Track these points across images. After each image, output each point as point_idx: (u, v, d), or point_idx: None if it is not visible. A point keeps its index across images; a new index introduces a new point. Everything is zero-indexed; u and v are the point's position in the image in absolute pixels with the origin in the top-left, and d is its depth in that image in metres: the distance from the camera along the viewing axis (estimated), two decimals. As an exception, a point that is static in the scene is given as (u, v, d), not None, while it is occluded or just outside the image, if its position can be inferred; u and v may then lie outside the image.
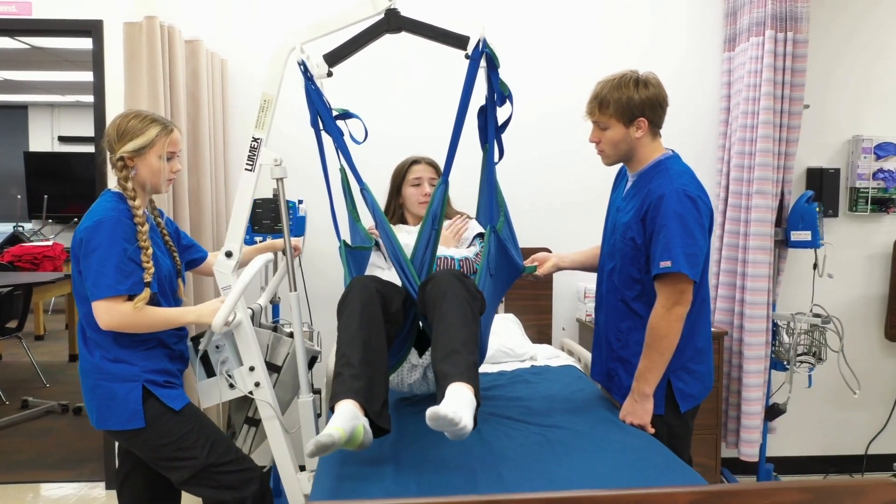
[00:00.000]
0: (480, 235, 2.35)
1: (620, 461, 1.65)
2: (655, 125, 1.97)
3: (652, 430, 1.91)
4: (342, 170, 2.25)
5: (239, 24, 3.20)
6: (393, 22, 2.08)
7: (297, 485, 2.16)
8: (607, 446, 1.75)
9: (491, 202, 2.17)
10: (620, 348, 2.04)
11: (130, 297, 1.82)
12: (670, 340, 1.86)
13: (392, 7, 2.08)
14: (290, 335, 2.38)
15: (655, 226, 1.85)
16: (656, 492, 0.99)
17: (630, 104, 1.91)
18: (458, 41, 2.07)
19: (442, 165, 2.04)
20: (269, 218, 2.81)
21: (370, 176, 2.17)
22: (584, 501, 0.96)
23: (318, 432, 1.62)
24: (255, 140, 2.11)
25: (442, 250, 2.26)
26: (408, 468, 1.63)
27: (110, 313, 1.80)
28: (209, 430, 1.97)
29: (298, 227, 2.86)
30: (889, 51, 3.35)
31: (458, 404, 1.51)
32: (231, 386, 2.11)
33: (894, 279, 3.36)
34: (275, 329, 2.39)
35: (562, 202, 3.33)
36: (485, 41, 1.95)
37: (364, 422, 1.62)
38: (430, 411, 1.44)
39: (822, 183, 3.30)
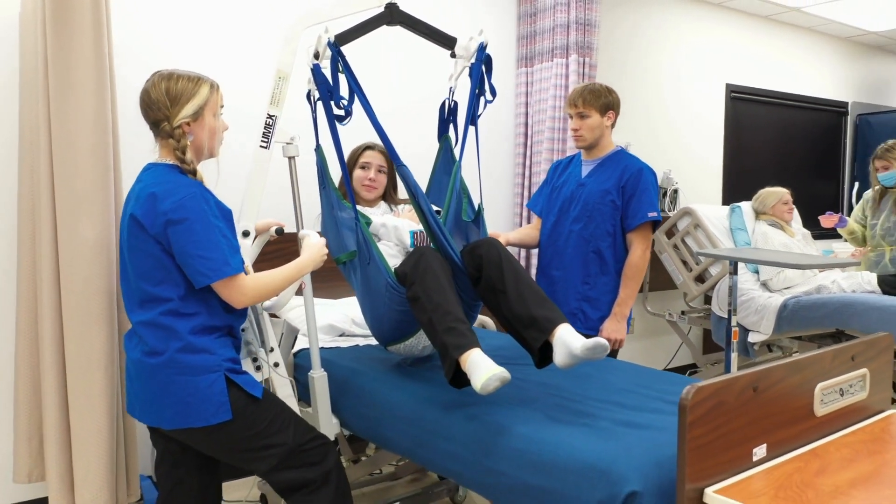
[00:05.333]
0: (437, 213, 2.62)
1: (631, 374, 2.19)
2: (615, 120, 2.68)
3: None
4: (318, 150, 2.32)
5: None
6: (395, 16, 2.27)
7: None
8: (606, 371, 2.26)
9: (450, 187, 2.48)
10: (589, 290, 2.64)
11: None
12: (643, 273, 2.62)
13: (393, 2, 2.26)
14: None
15: (636, 190, 2.58)
16: (846, 345, 1.58)
17: (606, 100, 2.62)
18: (446, 41, 2.37)
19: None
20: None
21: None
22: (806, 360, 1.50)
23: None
24: (270, 117, 2.09)
25: (412, 225, 2.48)
26: (532, 407, 1.88)
27: (241, 290, 1.70)
28: (288, 411, 1.91)
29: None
30: (628, 73, 4.50)
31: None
32: (258, 368, 2.05)
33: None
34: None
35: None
36: (485, 45, 2.29)
37: None
38: (592, 342, 1.75)
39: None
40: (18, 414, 2.44)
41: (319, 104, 2.19)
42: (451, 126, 2.56)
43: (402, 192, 2.80)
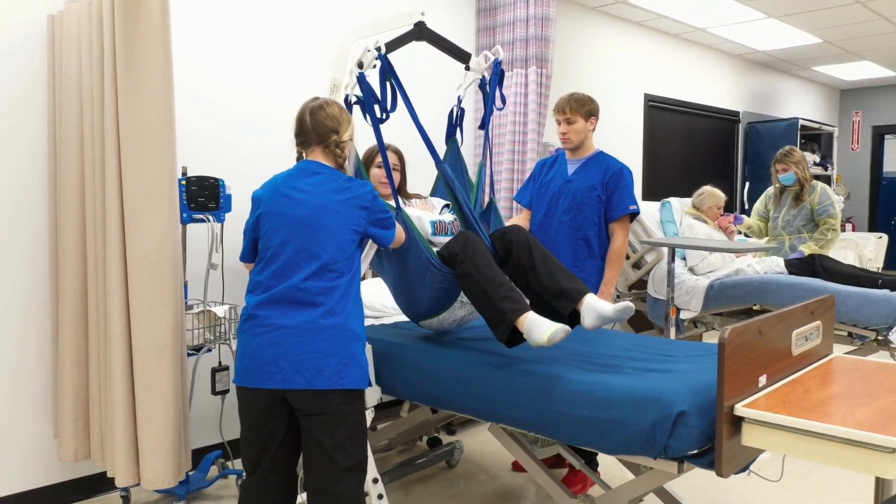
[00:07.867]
0: (447, 205, 2.96)
1: (625, 339, 2.63)
2: (596, 125, 3.11)
3: None
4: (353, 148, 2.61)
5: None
6: (423, 33, 2.61)
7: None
8: (605, 338, 2.69)
9: (476, 183, 2.82)
10: (579, 272, 3.03)
11: None
12: (624, 257, 3.07)
13: (421, 20, 2.60)
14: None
15: (618, 186, 3.02)
16: (808, 303, 2.07)
17: (589, 107, 3.05)
18: (462, 55, 2.73)
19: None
20: (203, 196, 2.80)
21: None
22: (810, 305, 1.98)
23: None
24: (326, 120, 2.35)
25: (431, 216, 2.81)
26: (575, 363, 2.27)
27: None
28: None
29: (227, 204, 2.91)
30: (565, 82, 4.99)
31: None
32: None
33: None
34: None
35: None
36: (500, 60, 2.67)
37: None
38: (622, 305, 2.15)
39: (531, 174, 4.75)
40: (62, 397, 2.56)
41: (356, 108, 2.49)
42: (458, 130, 2.91)
43: (411, 188, 3.14)
